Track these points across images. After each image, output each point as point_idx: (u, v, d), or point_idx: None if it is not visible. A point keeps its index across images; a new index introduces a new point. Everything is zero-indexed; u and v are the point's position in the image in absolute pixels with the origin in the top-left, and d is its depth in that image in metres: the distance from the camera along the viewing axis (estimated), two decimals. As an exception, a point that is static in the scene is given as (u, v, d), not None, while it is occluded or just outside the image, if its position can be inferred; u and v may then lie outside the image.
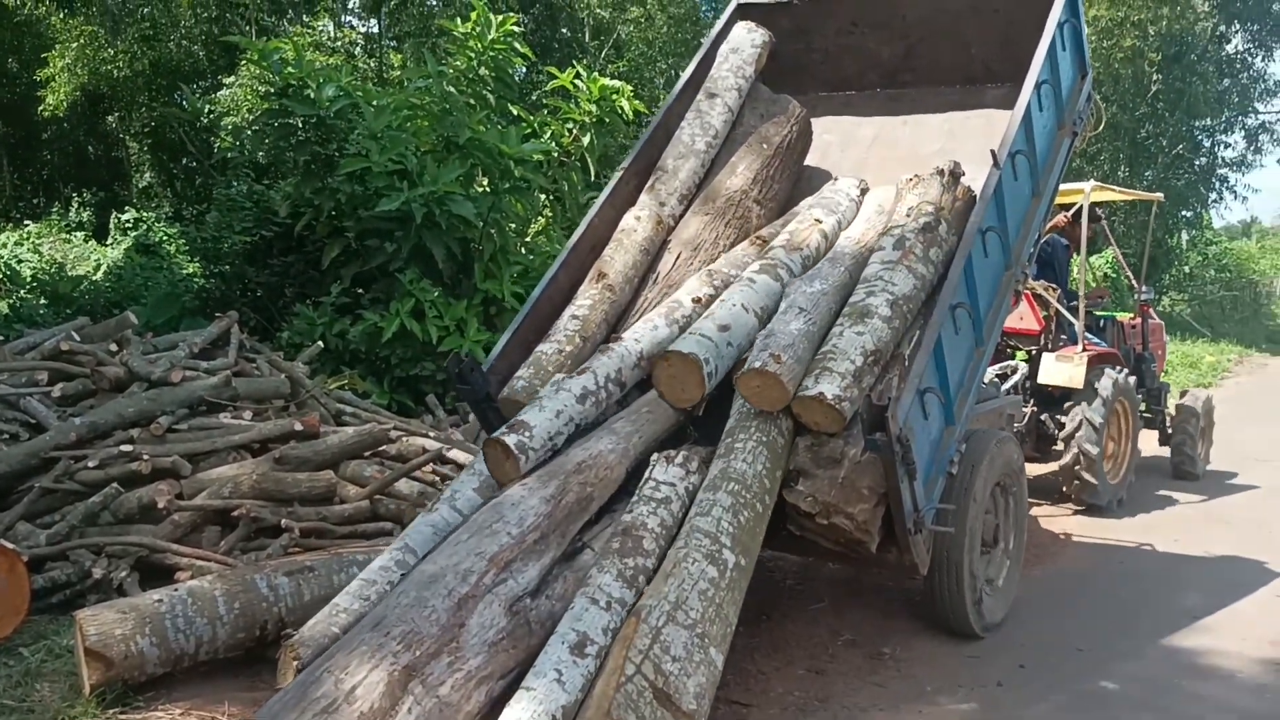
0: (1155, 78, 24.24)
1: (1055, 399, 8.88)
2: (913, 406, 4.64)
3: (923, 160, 6.46)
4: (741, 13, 7.17)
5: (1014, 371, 8.90)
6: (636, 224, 5.98)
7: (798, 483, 4.56)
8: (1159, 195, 11.63)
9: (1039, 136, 6.14)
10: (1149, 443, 9.89)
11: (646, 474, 4.38)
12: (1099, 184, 9.83)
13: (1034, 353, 9.10)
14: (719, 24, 7.14)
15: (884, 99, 7.28)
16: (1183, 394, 10.38)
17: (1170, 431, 9.99)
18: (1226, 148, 29.43)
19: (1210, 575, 6.91)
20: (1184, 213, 26.98)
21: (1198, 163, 28.38)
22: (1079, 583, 6.73)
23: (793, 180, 6.65)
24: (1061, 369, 8.66)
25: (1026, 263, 6.35)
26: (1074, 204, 9.30)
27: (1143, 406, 9.71)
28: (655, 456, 4.47)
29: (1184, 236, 29.52)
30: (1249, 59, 28.18)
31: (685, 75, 6.88)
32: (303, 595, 4.61)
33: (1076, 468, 8.42)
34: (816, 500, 4.53)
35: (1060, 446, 8.72)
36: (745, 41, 6.88)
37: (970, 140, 6.59)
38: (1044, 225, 7.15)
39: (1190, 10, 23.43)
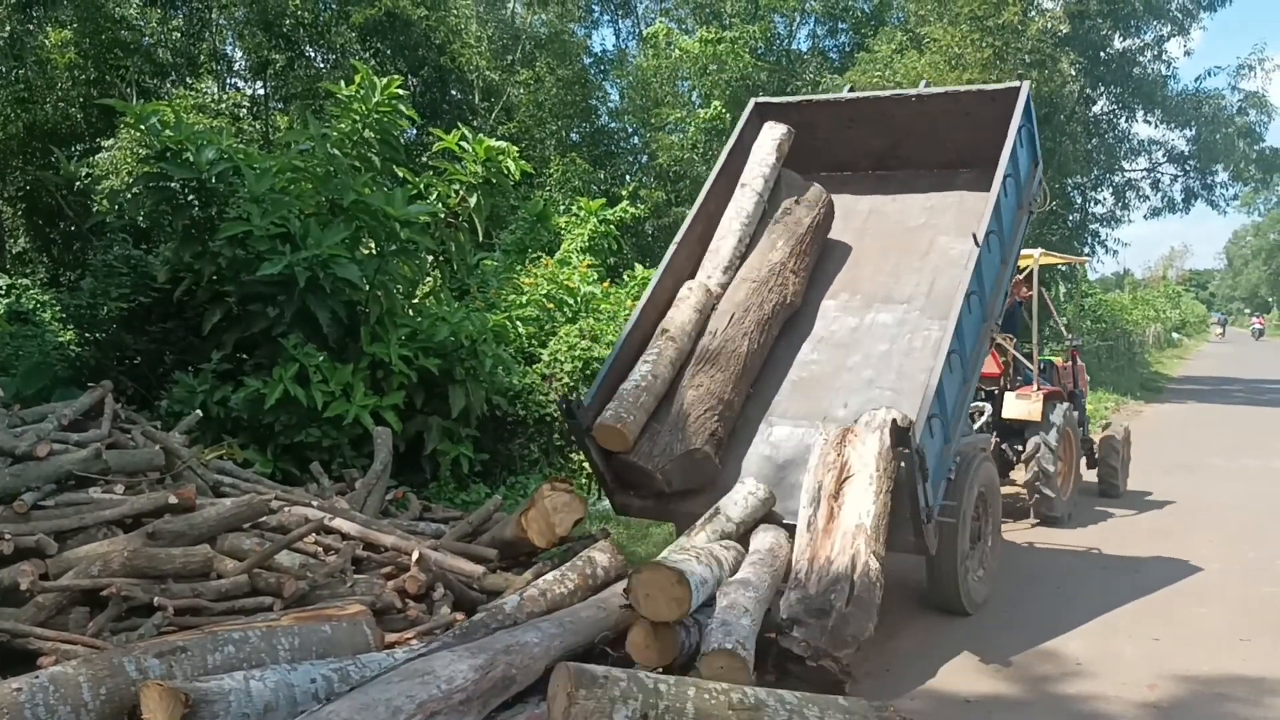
0: (1027, 137, 25.16)
1: (1015, 431, 10.51)
2: (924, 428, 6.09)
3: (910, 231, 8.22)
4: (759, 110, 8.78)
5: (981, 414, 10.56)
6: (689, 292, 7.62)
7: (792, 630, 5.22)
8: (1088, 257, 13.34)
9: (1005, 216, 7.67)
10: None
11: None
12: (1044, 251, 12.18)
13: (995, 392, 10.76)
14: (743, 118, 8.72)
15: (875, 179, 8.83)
16: (1105, 426, 12.44)
17: (1097, 456, 11.65)
18: (1096, 204, 30.79)
19: (1093, 619, 7.11)
20: (1060, 266, 27.93)
21: (1070, 218, 29.50)
22: (970, 630, 6.83)
23: (819, 252, 8.06)
24: (1022, 405, 10.40)
25: (999, 315, 7.97)
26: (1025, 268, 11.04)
27: None
28: None
29: (1061, 289, 30.59)
30: (1114, 120, 29.57)
31: (718, 165, 8.43)
32: (174, 677, 4.40)
33: (1036, 483, 10.04)
34: (809, 645, 5.17)
35: (1016, 474, 10.44)
36: (769, 136, 8.44)
37: (947, 214, 8.20)
38: (1010, 285, 8.54)
39: (1058, 73, 24.46)
